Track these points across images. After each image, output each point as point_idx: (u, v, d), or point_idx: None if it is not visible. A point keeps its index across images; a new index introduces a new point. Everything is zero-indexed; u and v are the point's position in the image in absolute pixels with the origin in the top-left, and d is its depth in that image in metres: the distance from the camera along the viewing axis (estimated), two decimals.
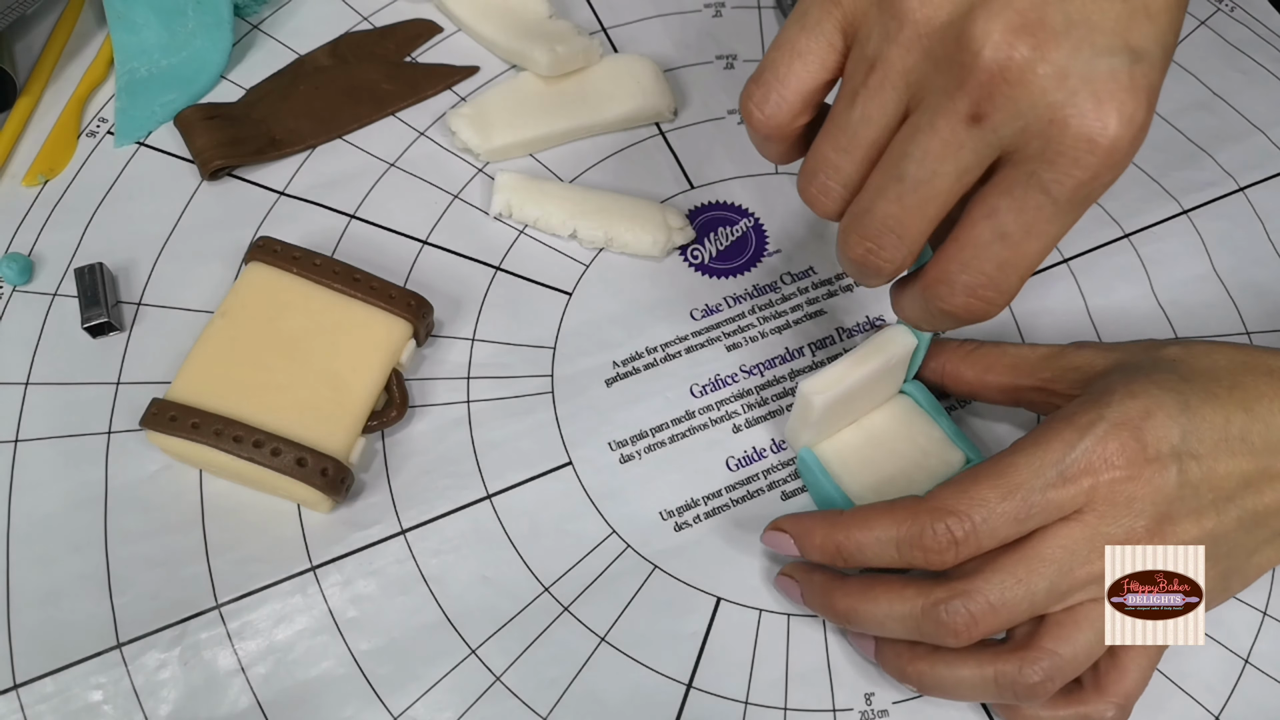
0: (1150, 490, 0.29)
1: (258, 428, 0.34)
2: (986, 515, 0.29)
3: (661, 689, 0.33)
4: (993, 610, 0.29)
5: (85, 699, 0.33)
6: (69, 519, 0.35)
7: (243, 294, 0.37)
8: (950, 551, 0.29)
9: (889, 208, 0.27)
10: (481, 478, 0.37)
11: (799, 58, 0.28)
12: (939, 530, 0.29)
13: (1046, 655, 0.29)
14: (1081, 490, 0.29)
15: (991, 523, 0.29)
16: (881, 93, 0.26)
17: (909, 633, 0.31)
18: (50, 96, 0.45)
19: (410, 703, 0.33)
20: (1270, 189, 0.44)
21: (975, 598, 0.29)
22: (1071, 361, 0.33)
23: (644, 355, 0.39)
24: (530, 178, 0.42)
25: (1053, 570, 0.29)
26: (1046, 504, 0.29)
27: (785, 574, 0.34)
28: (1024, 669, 0.29)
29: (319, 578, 0.35)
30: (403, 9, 0.48)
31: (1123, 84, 0.23)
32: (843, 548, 0.32)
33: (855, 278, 0.30)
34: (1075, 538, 0.29)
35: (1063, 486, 0.29)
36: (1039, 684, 0.29)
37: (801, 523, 0.33)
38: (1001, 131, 0.24)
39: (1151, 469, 0.29)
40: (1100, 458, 0.29)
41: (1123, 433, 0.29)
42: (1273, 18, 0.50)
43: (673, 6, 0.49)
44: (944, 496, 0.30)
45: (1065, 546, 0.29)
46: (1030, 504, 0.29)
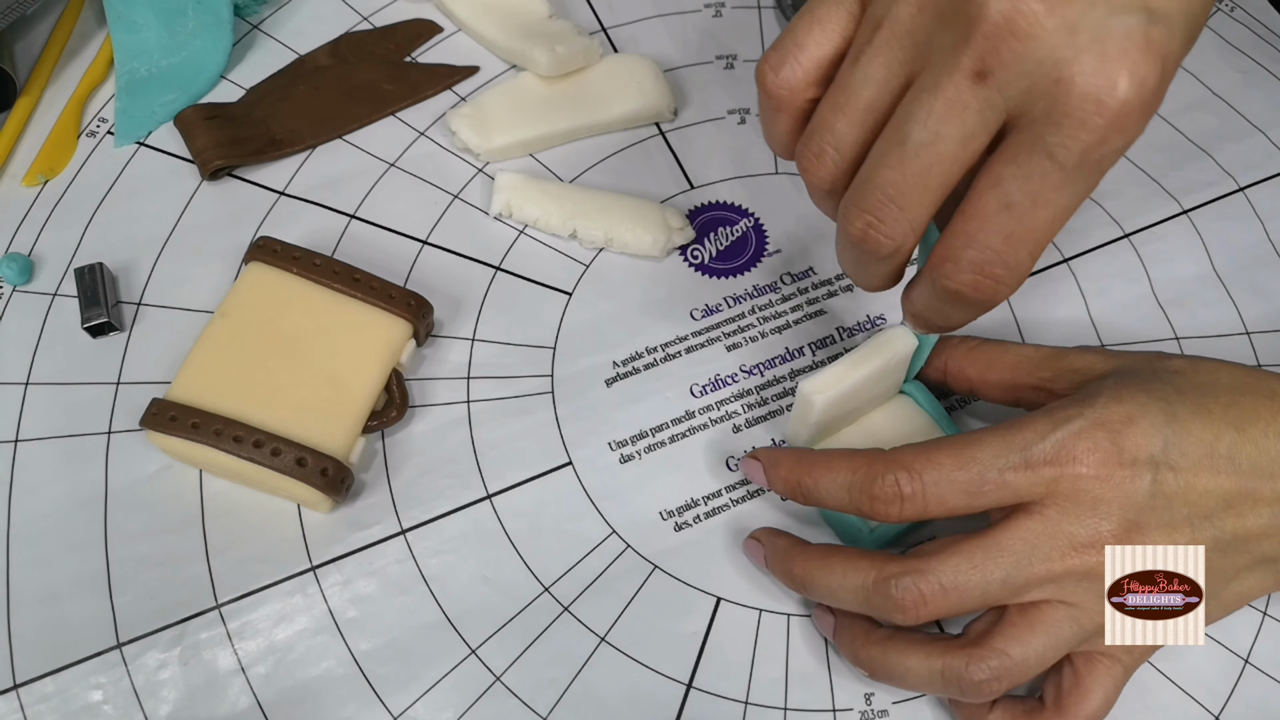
0: (1120, 495, 0.28)
1: (258, 428, 0.34)
2: (938, 479, 0.29)
3: (661, 689, 0.33)
4: (943, 592, 0.29)
5: (85, 699, 0.33)
6: (69, 519, 0.35)
7: (243, 294, 0.37)
8: (895, 505, 0.29)
9: (889, 175, 0.25)
10: (481, 478, 0.37)
11: (818, 24, 0.27)
12: (888, 481, 0.29)
13: (995, 654, 0.29)
14: (1042, 480, 0.28)
15: (941, 487, 0.29)
16: (886, 50, 0.25)
17: (860, 605, 0.31)
18: (50, 96, 0.45)
19: (410, 703, 0.33)
20: (1270, 189, 0.44)
21: (927, 576, 0.29)
22: (1072, 363, 0.33)
23: (644, 355, 0.39)
24: (530, 178, 0.42)
25: (1009, 561, 0.29)
26: (1002, 484, 0.29)
27: (753, 537, 0.35)
28: (971, 665, 0.29)
29: (319, 578, 0.35)
30: (403, 9, 0.48)
31: (1136, 43, 0.22)
32: (802, 482, 0.32)
33: (855, 269, 0.29)
34: (1035, 531, 0.29)
35: (1023, 471, 0.28)
36: (984, 682, 0.29)
37: (774, 454, 0.33)
38: (1007, 91, 0.23)
39: (1124, 473, 0.28)
40: (1068, 451, 0.28)
41: (1098, 432, 0.28)
42: (1273, 18, 0.50)
43: (673, 6, 0.49)
44: (903, 452, 0.30)
45: (1025, 539, 0.29)
46: (985, 479, 0.29)
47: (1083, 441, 0.28)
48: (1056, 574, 0.29)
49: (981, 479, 0.29)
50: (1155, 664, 0.34)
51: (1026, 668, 0.29)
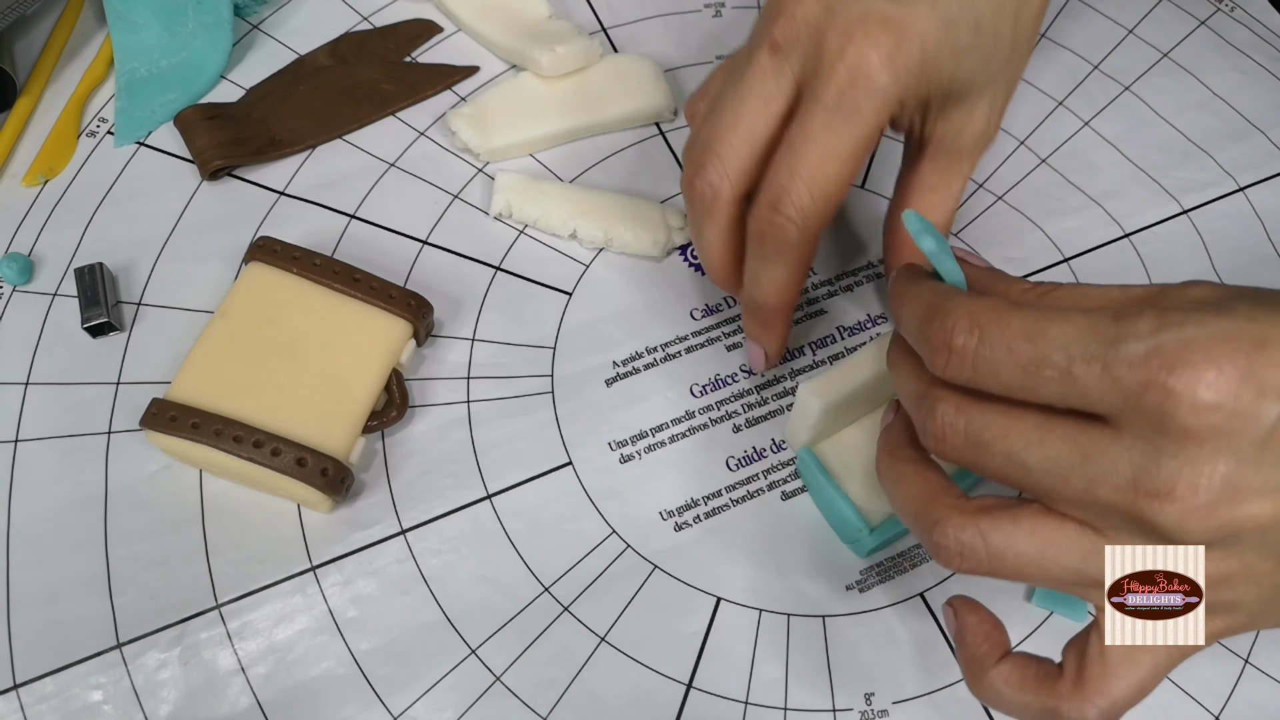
0: (1227, 432, 0.22)
1: (258, 428, 0.34)
2: (997, 341, 0.24)
3: (661, 689, 0.33)
4: (972, 445, 0.25)
5: (85, 699, 0.33)
6: (69, 519, 0.35)
7: (243, 294, 0.37)
8: (941, 355, 0.25)
9: (707, 131, 0.32)
10: (481, 478, 0.37)
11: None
12: (946, 326, 0.25)
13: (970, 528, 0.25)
14: (1120, 387, 0.22)
15: (997, 351, 0.24)
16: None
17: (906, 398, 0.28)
18: (50, 96, 0.45)
19: (410, 703, 0.33)
20: (1270, 189, 0.44)
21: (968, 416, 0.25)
22: (1176, 299, 0.24)
23: (644, 355, 0.39)
24: (530, 178, 0.42)
25: (1058, 457, 0.24)
26: (1067, 376, 0.23)
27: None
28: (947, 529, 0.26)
29: (319, 578, 0.35)
30: (403, 9, 0.48)
31: (875, 20, 0.29)
32: (893, 288, 0.29)
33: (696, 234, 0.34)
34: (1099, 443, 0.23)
35: (1099, 368, 0.23)
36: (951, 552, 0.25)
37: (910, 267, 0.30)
38: (792, 59, 0.31)
39: (1242, 404, 0.21)
40: (1170, 358, 0.22)
41: (1219, 345, 0.22)
42: (1273, 18, 0.50)
43: (673, 6, 0.49)
44: (976, 301, 0.25)
45: (1081, 447, 0.24)
46: (1048, 361, 0.23)
47: (1194, 352, 0.22)
48: (1101, 504, 0.24)
49: (1045, 360, 0.23)
50: None
51: (1003, 563, 0.25)
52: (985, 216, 0.43)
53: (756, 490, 0.37)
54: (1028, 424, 0.24)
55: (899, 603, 0.35)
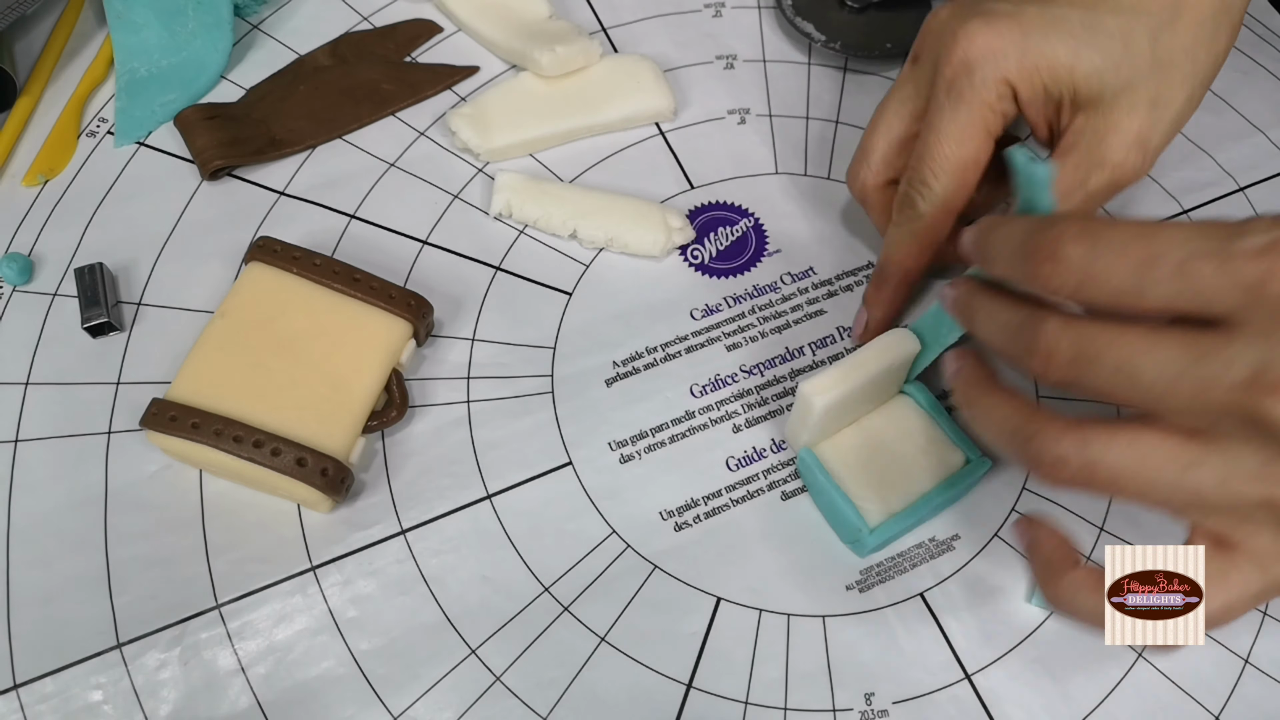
0: None
1: (258, 428, 0.34)
2: (1106, 246, 0.23)
3: (661, 689, 0.33)
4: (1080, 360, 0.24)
5: (85, 699, 0.33)
6: (69, 519, 0.35)
7: (243, 294, 0.37)
8: (1048, 264, 0.24)
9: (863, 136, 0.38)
10: (481, 478, 0.37)
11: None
12: (1053, 235, 0.24)
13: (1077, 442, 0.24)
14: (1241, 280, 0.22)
15: (1110, 253, 0.23)
16: None
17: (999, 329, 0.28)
18: (50, 96, 0.45)
19: (410, 703, 0.33)
20: (1270, 189, 0.44)
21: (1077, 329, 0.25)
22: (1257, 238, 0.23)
23: (644, 355, 0.39)
24: (530, 178, 0.42)
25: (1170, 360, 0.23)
26: (1184, 272, 0.22)
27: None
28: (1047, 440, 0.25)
29: (319, 578, 0.35)
30: (403, 9, 0.48)
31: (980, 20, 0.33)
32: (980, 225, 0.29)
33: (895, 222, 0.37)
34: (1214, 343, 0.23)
35: (1217, 261, 0.22)
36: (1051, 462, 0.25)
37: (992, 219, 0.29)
38: (924, 66, 0.36)
39: None
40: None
41: None
42: (1273, 18, 0.50)
43: (673, 6, 0.49)
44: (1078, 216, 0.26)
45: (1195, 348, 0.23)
46: (1163, 258, 0.23)
47: None
48: (1215, 407, 0.23)
49: (1160, 257, 0.23)
50: (1155, 664, 0.34)
51: (1098, 473, 0.24)
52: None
53: (756, 490, 0.37)
54: (1138, 332, 0.24)
55: (899, 603, 0.35)
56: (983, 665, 0.34)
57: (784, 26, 0.48)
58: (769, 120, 0.45)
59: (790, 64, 0.47)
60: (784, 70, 0.47)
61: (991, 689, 0.34)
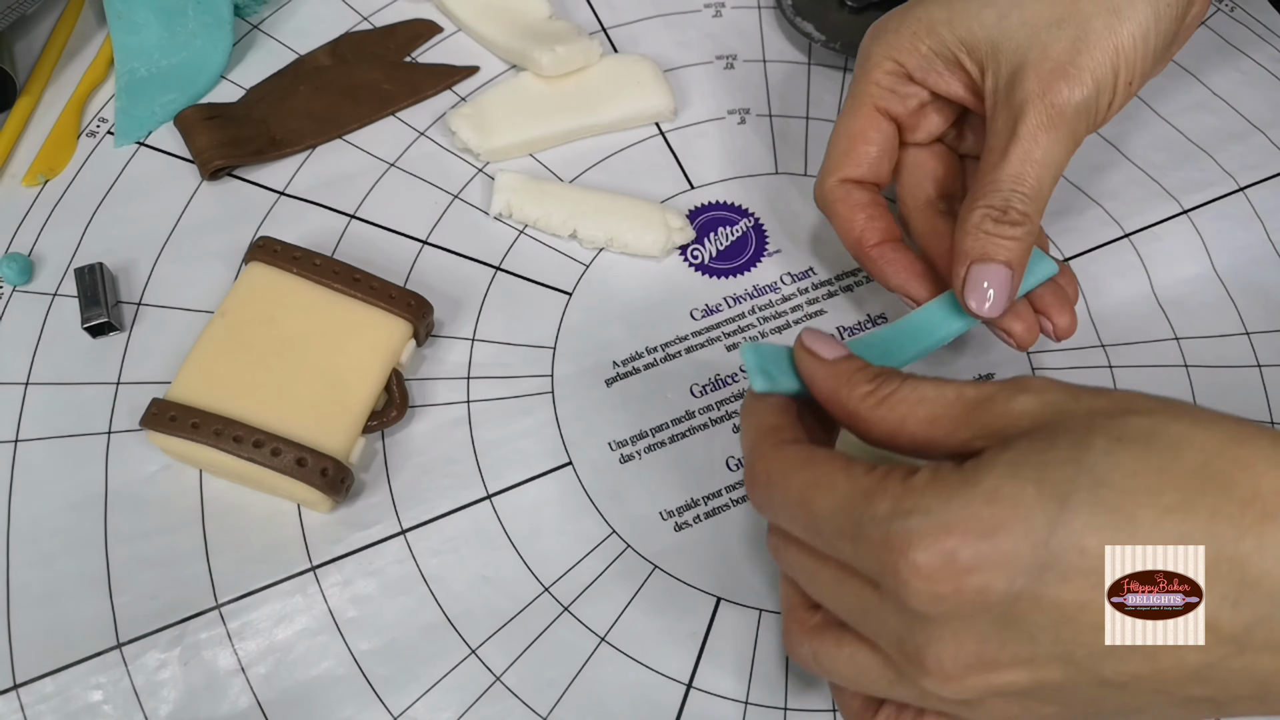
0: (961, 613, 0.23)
1: (258, 428, 0.34)
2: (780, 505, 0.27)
3: (661, 689, 0.33)
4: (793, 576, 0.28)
5: (85, 699, 0.33)
6: (69, 519, 0.35)
7: (242, 294, 0.37)
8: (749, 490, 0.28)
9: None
10: (481, 478, 0.37)
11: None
12: (748, 474, 0.28)
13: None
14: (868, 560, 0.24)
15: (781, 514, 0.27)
16: None
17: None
18: (50, 96, 0.45)
19: (410, 703, 0.33)
20: (1270, 189, 0.44)
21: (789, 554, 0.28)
22: (996, 416, 0.25)
23: (644, 355, 0.39)
24: (530, 178, 0.42)
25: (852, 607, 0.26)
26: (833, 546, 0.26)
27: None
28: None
29: (319, 578, 0.35)
30: (403, 9, 0.48)
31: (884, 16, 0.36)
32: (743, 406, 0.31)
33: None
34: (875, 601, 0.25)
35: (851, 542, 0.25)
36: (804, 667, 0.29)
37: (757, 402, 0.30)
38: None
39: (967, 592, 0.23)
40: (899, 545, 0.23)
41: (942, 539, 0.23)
42: (1273, 18, 0.50)
43: (673, 6, 0.49)
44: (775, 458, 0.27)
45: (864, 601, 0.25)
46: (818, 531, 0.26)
47: (918, 543, 0.23)
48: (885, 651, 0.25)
49: (816, 529, 0.26)
50: None
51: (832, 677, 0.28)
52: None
53: None
54: (829, 573, 0.26)
55: None
56: None
57: (784, 26, 0.48)
58: (769, 120, 0.45)
59: (790, 64, 0.47)
60: (784, 70, 0.47)
61: None
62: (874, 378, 0.28)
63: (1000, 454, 0.24)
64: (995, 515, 0.23)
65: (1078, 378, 0.39)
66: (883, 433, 0.27)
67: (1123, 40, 0.32)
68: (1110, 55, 0.32)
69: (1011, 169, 0.32)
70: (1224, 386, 0.39)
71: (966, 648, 0.24)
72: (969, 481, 0.23)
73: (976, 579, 0.23)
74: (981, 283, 0.32)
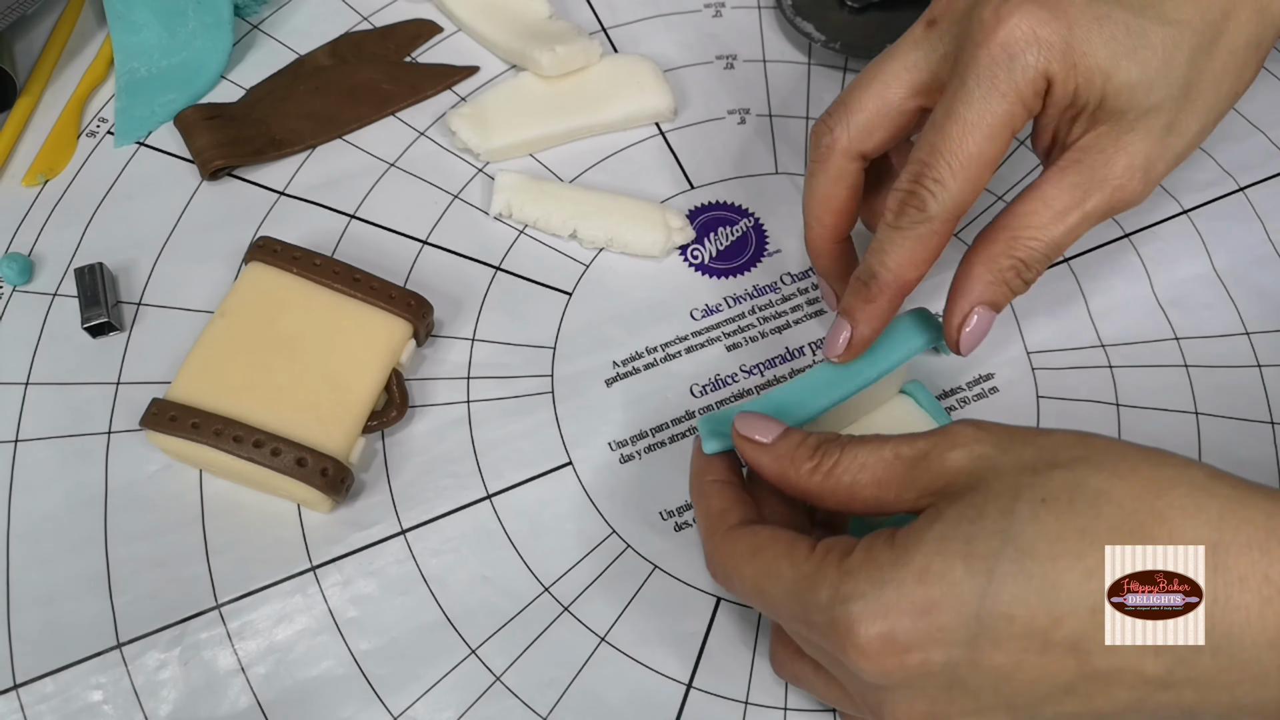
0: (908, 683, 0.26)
1: (258, 428, 0.34)
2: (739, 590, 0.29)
3: (661, 689, 0.33)
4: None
5: (85, 699, 0.33)
6: (69, 519, 0.35)
7: (243, 294, 0.37)
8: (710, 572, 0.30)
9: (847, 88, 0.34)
10: (481, 478, 0.37)
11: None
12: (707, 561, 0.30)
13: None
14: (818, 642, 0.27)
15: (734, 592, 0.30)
16: None
17: None
18: (50, 96, 0.45)
19: (410, 703, 0.33)
20: (1270, 189, 0.44)
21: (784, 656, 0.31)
22: (934, 475, 0.27)
23: (644, 355, 0.39)
24: (530, 178, 0.42)
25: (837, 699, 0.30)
26: (790, 627, 0.29)
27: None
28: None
29: (319, 578, 0.35)
30: (403, 9, 0.48)
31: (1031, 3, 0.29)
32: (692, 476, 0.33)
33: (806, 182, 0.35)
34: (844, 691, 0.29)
35: (803, 626, 0.27)
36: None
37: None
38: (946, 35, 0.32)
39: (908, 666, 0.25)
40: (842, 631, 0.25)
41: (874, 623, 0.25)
42: None
43: (673, 6, 0.49)
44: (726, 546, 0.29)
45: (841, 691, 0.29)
46: (777, 615, 0.29)
47: (859, 633, 0.25)
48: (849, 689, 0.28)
49: (775, 613, 0.29)
50: None
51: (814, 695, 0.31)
52: (985, 217, 0.43)
53: None
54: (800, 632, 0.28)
55: None
56: None
57: (784, 26, 0.48)
58: (769, 120, 0.45)
59: (790, 64, 0.47)
60: (784, 70, 0.47)
61: None
62: (814, 451, 0.29)
63: (930, 526, 0.25)
64: (928, 594, 0.24)
65: (1078, 378, 0.39)
66: (836, 502, 0.29)
67: (1191, 143, 0.32)
68: (1177, 165, 0.32)
69: (1057, 236, 0.31)
70: (1224, 386, 0.39)
71: (918, 707, 0.26)
72: (900, 562, 0.25)
73: (917, 655, 0.25)
74: (983, 327, 0.32)
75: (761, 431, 0.30)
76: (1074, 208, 0.31)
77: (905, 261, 0.31)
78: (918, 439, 0.27)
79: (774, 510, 0.31)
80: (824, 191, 0.35)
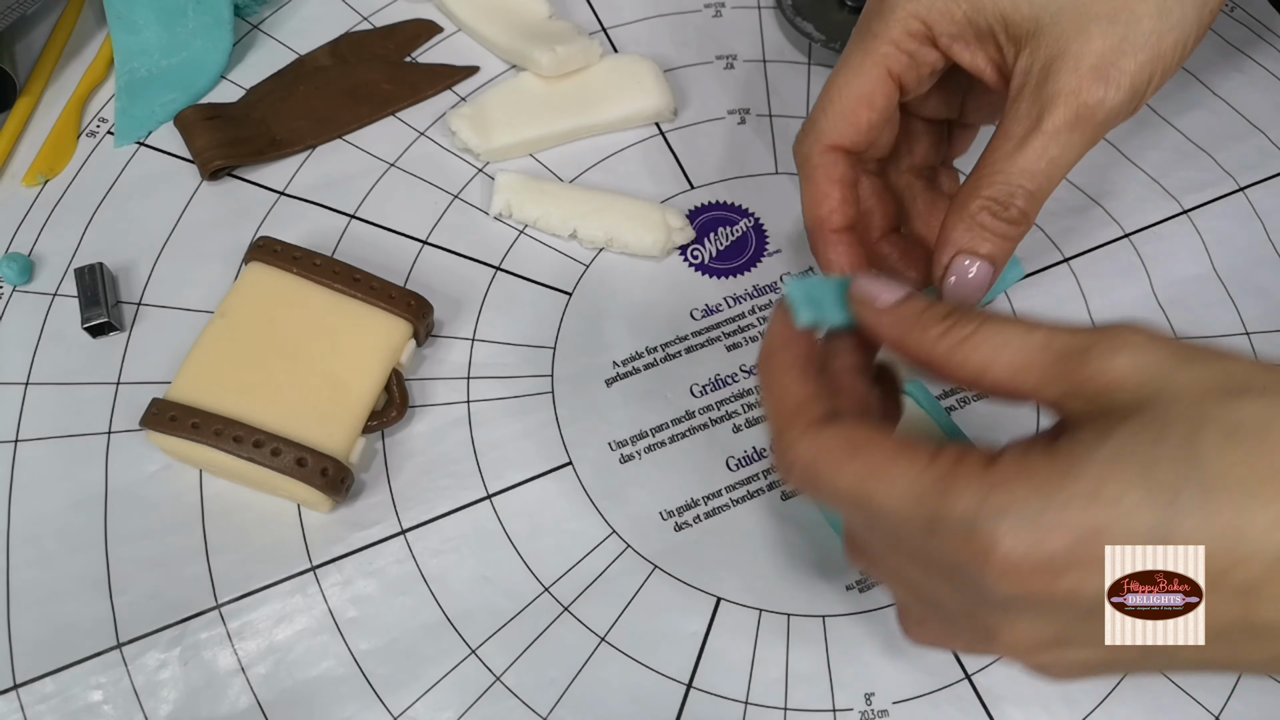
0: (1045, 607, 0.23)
1: (258, 428, 0.34)
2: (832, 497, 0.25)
3: (661, 689, 0.33)
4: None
5: (85, 699, 0.33)
6: (69, 519, 0.35)
7: (243, 294, 0.37)
8: (782, 472, 0.26)
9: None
10: (481, 478, 0.37)
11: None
12: (782, 463, 0.26)
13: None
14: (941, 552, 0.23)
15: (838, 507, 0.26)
16: None
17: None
18: (50, 96, 0.45)
19: (410, 703, 0.33)
20: (1270, 189, 0.44)
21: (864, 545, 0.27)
22: (1092, 380, 0.23)
23: (644, 355, 0.39)
24: (530, 178, 0.42)
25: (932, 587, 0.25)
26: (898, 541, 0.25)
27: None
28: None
29: (319, 578, 0.35)
30: (403, 9, 0.48)
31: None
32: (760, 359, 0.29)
33: None
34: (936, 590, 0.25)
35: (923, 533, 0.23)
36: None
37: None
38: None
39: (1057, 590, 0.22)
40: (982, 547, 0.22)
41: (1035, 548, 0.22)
42: (1273, 18, 0.50)
43: (673, 6, 0.49)
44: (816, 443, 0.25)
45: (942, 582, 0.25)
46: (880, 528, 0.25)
47: (1012, 550, 0.22)
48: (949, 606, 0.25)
49: (876, 526, 0.25)
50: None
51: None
52: None
53: (756, 490, 0.37)
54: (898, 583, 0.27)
55: None
56: (983, 665, 0.34)
57: (784, 26, 0.48)
58: (769, 120, 0.45)
59: (790, 64, 0.47)
60: (784, 70, 0.47)
61: (991, 689, 0.34)
62: (946, 316, 0.25)
63: (1100, 445, 0.22)
64: (1097, 518, 0.22)
65: None
66: (960, 377, 0.25)
67: (1166, 46, 0.30)
68: (1152, 61, 0.30)
69: (1025, 163, 0.30)
70: None
71: (1045, 632, 0.23)
72: (1067, 479, 0.22)
73: (1070, 579, 0.22)
74: (965, 275, 0.31)
75: (883, 293, 0.27)
76: (1032, 130, 0.30)
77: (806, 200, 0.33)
78: (1077, 332, 0.24)
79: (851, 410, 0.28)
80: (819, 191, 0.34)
